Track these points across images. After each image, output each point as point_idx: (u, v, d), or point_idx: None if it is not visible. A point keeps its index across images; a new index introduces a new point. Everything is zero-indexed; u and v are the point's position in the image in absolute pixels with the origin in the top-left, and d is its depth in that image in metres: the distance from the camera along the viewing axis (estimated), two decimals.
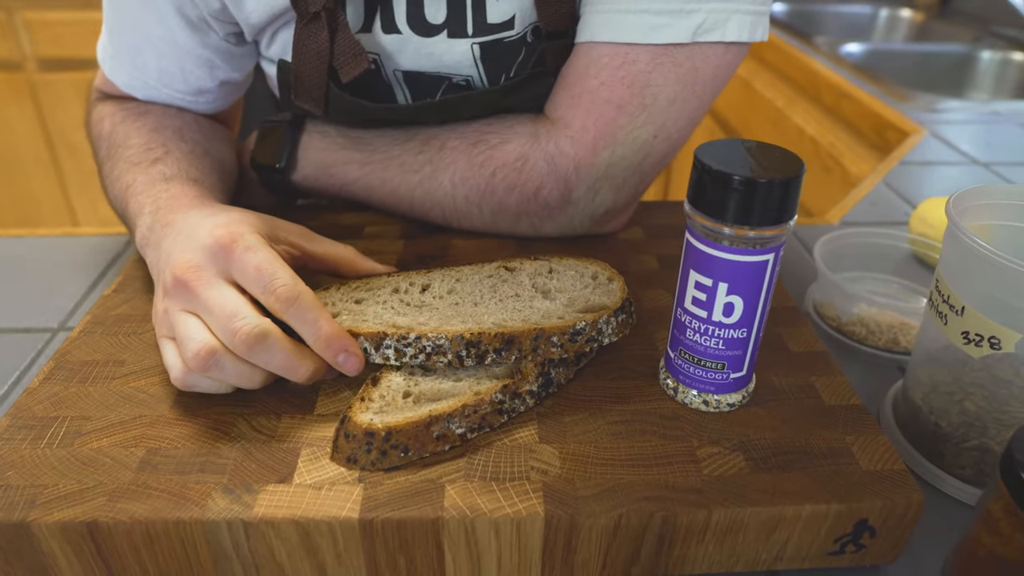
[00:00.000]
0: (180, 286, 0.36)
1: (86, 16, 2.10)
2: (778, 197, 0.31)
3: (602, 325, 0.37)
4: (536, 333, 0.36)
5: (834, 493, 0.32)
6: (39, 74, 2.17)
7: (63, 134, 2.24)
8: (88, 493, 0.31)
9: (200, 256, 0.36)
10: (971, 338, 0.37)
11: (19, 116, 2.21)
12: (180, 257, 0.37)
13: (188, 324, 0.35)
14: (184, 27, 0.51)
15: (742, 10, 0.44)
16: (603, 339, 0.37)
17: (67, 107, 2.21)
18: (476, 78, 0.51)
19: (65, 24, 2.12)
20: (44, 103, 2.20)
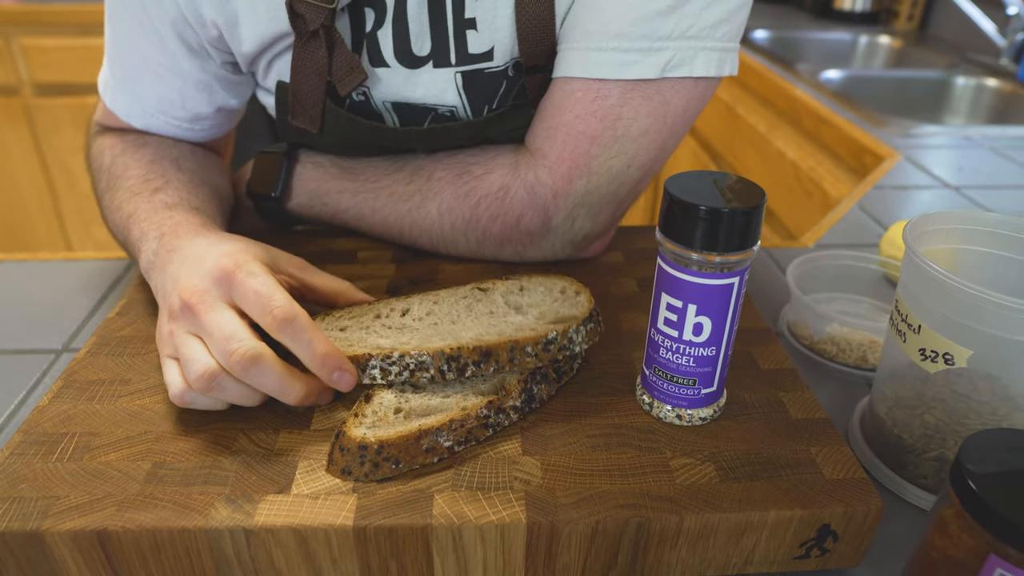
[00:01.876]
0: (186, 310, 0.38)
1: (82, 42, 2.14)
2: (741, 225, 0.34)
3: (572, 334, 0.39)
4: (511, 345, 0.38)
5: (798, 500, 0.34)
6: (35, 99, 2.20)
7: (58, 158, 2.26)
8: (98, 504, 0.33)
9: (205, 282, 0.39)
10: (927, 355, 0.39)
11: (15, 140, 2.23)
12: (187, 282, 0.39)
13: (192, 346, 0.37)
14: (185, 53, 0.53)
15: (709, 47, 0.47)
16: (575, 347, 0.39)
17: (62, 132, 2.24)
18: (460, 109, 0.54)
19: (61, 50, 2.15)
20: (40, 128, 2.23)
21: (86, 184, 2.02)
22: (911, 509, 0.41)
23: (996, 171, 0.95)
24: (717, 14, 0.48)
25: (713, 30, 0.48)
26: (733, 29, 0.49)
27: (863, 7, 1.99)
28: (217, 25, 0.50)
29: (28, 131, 2.21)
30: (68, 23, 2.12)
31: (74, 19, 2.11)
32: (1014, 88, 1.38)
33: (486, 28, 0.50)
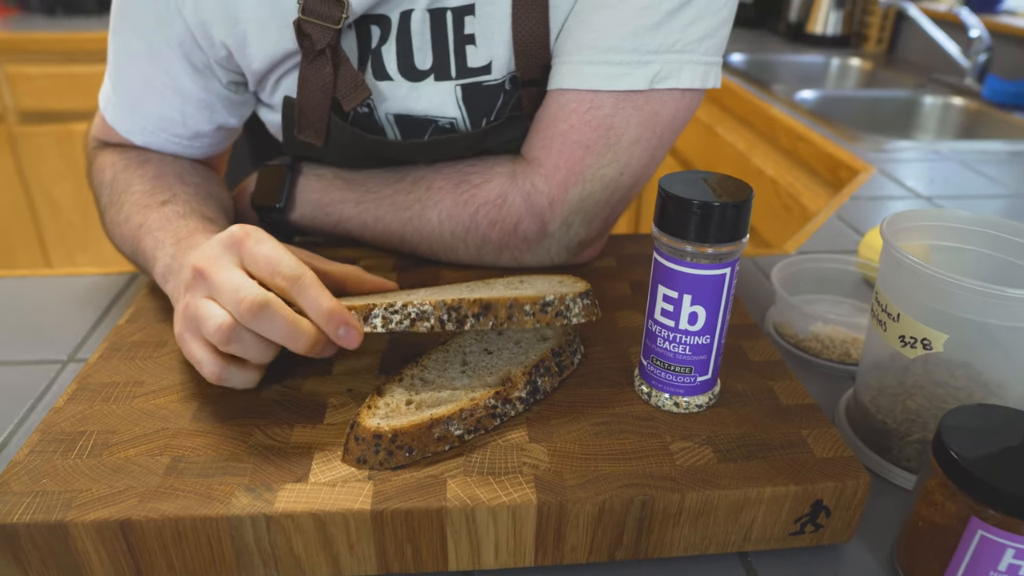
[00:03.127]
0: (198, 275, 0.39)
1: (66, 70, 2.15)
2: (732, 218, 0.36)
3: (569, 302, 0.40)
4: (510, 302, 0.39)
5: (792, 477, 0.36)
6: (19, 127, 2.20)
7: (42, 186, 2.26)
8: (120, 496, 0.35)
9: (216, 248, 0.39)
10: (907, 341, 0.42)
11: None
12: (199, 253, 0.40)
13: (207, 306, 0.38)
14: (190, 73, 0.55)
15: (695, 60, 0.50)
16: (571, 316, 0.41)
17: (46, 159, 2.23)
18: (460, 121, 0.57)
19: (46, 78, 2.16)
20: (23, 155, 2.22)
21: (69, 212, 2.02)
22: (896, 490, 0.43)
23: (965, 182, 0.99)
24: (701, 30, 0.51)
25: (698, 44, 0.51)
26: (716, 44, 0.52)
27: (834, 31, 2.06)
28: (226, 45, 0.52)
29: (11, 158, 2.21)
30: (53, 51, 2.13)
31: (59, 47, 2.13)
32: (979, 106, 1.43)
33: (484, 43, 0.52)
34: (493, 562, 0.36)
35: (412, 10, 0.51)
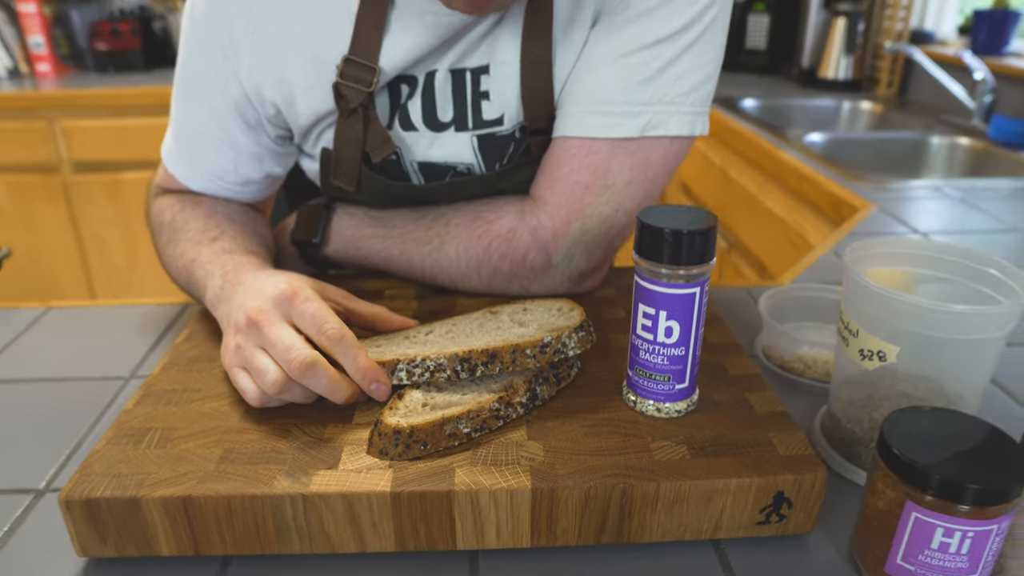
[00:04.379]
0: (252, 325, 0.46)
1: (116, 123, 2.29)
2: (699, 244, 0.42)
3: (565, 339, 0.47)
4: (513, 348, 0.46)
5: (756, 470, 0.42)
6: (72, 175, 2.34)
7: (91, 230, 2.39)
8: (182, 478, 0.41)
9: (268, 303, 0.47)
10: (865, 354, 0.47)
11: (52, 214, 2.37)
12: (251, 303, 0.47)
13: (262, 359, 0.45)
14: (243, 129, 0.64)
15: (682, 111, 0.57)
16: (568, 351, 0.47)
17: (96, 205, 2.37)
18: (476, 166, 0.64)
19: (98, 131, 2.31)
20: (75, 202, 2.37)
21: (116, 255, 2.16)
22: (861, 491, 0.48)
23: (963, 218, 1.03)
24: (688, 84, 0.57)
25: (685, 97, 0.58)
26: (702, 96, 0.59)
27: (846, 75, 2.13)
28: (276, 105, 0.61)
29: (65, 205, 2.35)
30: (105, 106, 2.28)
31: (110, 102, 2.28)
32: (985, 145, 1.48)
33: (497, 99, 0.60)
34: (495, 542, 0.42)
35: (436, 71, 0.59)
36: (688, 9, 0.54)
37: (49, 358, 0.65)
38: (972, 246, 0.49)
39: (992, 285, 0.48)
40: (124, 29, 2.56)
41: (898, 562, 0.39)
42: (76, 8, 2.66)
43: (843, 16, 2.09)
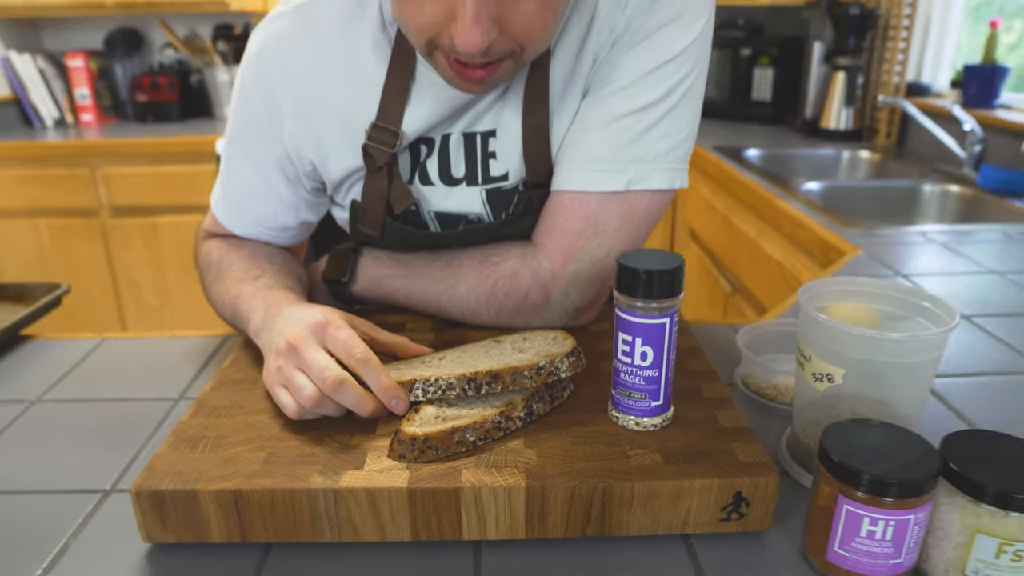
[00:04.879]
0: (292, 349, 0.55)
1: (154, 170, 2.43)
2: (668, 281, 0.50)
3: (558, 363, 0.55)
4: (513, 370, 0.54)
5: (718, 474, 0.49)
6: (111, 219, 2.48)
7: (126, 271, 2.51)
8: (232, 476, 0.49)
9: (305, 331, 0.56)
10: (817, 376, 0.54)
11: (90, 255, 2.50)
12: (291, 330, 0.56)
13: (300, 378, 0.54)
14: (283, 182, 0.73)
15: (663, 168, 0.66)
16: (560, 373, 0.55)
17: (132, 248, 2.50)
18: (485, 215, 0.73)
19: (136, 177, 2.45)
20: (112, 244, 2.50)
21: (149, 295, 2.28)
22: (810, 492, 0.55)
23: (942, 261, 1.10)
24: (668, 144, 0.66)
25: (665, 155, 0.66)
26: (681, 154, 0.68)
27: (846, 126, 2.22)
28: (312, 162, 0.70)
29: (103, 247, 2.48)
30: (144, 153, 2.42)
31: (148, 150, 2.42)
32: (974, 193, 1.56)
33: (503, 158, 0.69)
34: (495, 533, 0.49)
35: (450, 134, 0.69)
36: (665, 82, 0.63)
37: (107, 381, 0.74)
38: (907, 284, 0.57)
39: (926, 315, 0.55)
40: (163, 82, 2.73)
41: (835, 550, 0.46)
42: (120, 62, 2.84)
43: (843, 70, 2.19)
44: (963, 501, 0.44)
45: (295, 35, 0.67)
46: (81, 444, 0.63)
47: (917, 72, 2.21)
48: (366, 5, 0.66)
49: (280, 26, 0.67)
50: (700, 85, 0.66)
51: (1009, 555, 0.43)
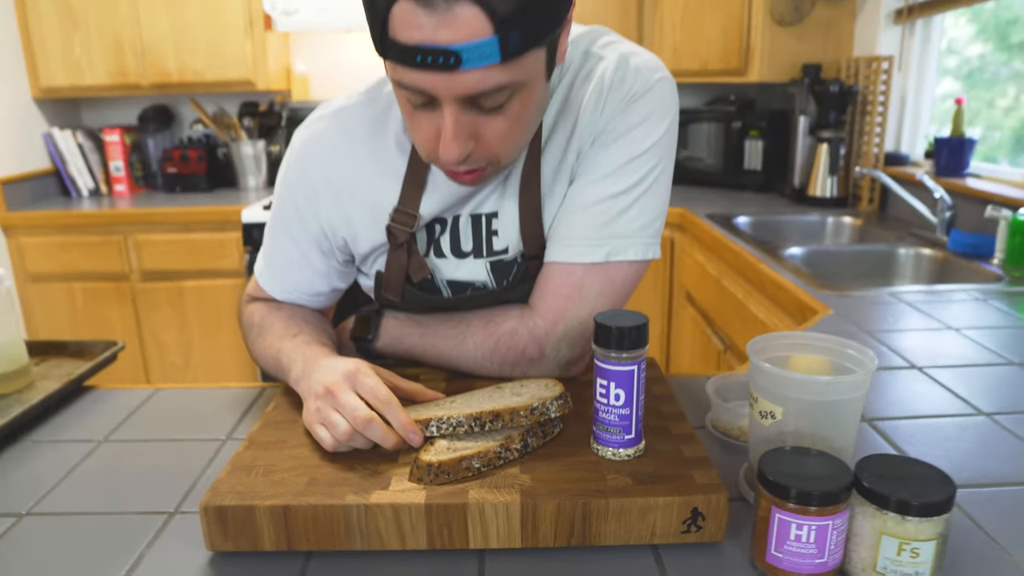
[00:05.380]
0: (328, 393, 0.67)
1: (182, 238, 2.59)
2: (635, 335, 0.62)
3: (548, 405, 0.67)
4: (511, 411, 0.66)
5: (678, 493, 0.60)
6: (140, 283, 2.63)
7: (152, 332, 2.65)
8: (281, 495, 0.60)
9: (339, 377, 0.68)
10: (763, 414, 0.65)
11: (119, 317, 2.64)
12: (327, 377, 0.68)
13: (335, 416, 0.66)
14: (319, 255, 0.86)
15: (637, 242, 0.79)
16: (550, 414, 0.66)
17: (159, 310, 2.64)
18: (489, 283, 0.85)
19: (165, 244, 2.61)
20: (140, 307, 2.64)
21: (173, 355, 2.46)
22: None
23: (905, 319, 1.22)
24: (641, 223, 0.79)
25: (638, 232, 0.79)
26: (653, 230, 0.81)
27: (832, 193, 2.37)
28: (344, 238, 0.84)
29: (131, 309, 2.63)
30: (173, 222, 2.59)
31: (178, 219, 2.59)
32: (945, 255, 1.68)
33: (504, 235, 0.82)
34: (496, 542, 0.60)
35: (460, 215, 0.82)
36: (636, 172, 0.77)
37: (163, 425, 0.86)
38: (837, 336, 0.69)
39: (859, 364, 0.67)
40: (192, 155, 2.93)
41: (772, 552, 0.56)
42: (152, 137, 3.05)
43: (826, 142, 2.35)
44: (872, 510, 0.55)
45: (332, 135, 0.81)
46: (145, 476, 0.75)
47: (896, 143, 2.36)
48: (391, 111, 0.80)
49: (320, 127, 0.82)
50: (667, 174, 0.80)
51: (908, 552, 0.53)
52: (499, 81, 0.63)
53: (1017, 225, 1.48)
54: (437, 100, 0.65)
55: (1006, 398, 0.91)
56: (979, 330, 1.16)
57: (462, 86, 0.62)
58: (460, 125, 0.65)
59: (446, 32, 0.59)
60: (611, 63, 0.77)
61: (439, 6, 0.58)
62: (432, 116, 0.67)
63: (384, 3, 0.60)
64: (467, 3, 0.58)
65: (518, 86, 0.65)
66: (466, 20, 0.58)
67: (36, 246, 2.59)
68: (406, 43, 0.60)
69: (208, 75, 2.75)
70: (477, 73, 0.61)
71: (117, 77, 2.75)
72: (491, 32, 0.59)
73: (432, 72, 0.61)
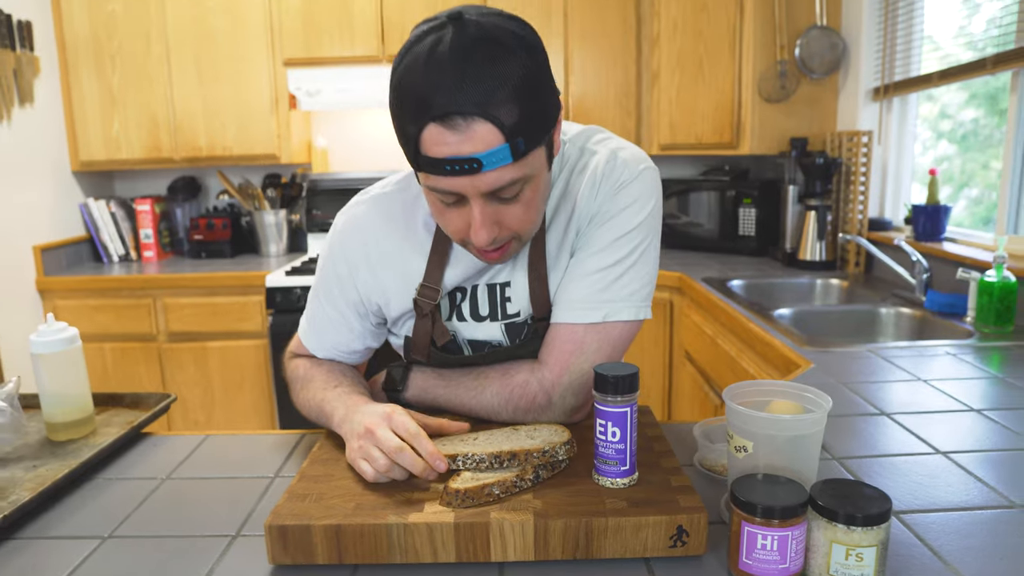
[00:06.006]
0: (368, 431, 0.79)
1: (206, 301, 2.74)
2: (628, 382, 0.75)
3: (557, 448, 0.79)
4: (526, 452, 0.78)
5: (665, 513, 0.71)
6: (166, 344, 2.76)
7: (177, 390, 2.77)
8: (333, 516, 0.72)
9: (377, 419, 0.80)
10: (738, 448, 0.77)
11: (146, 375, 2.76)
12: (368, 419, 0.81)
13: (375, 451, 0.78)
14: (356, 318, 1.00)
15: (631, 304, 0.92)
16: (559, 455, 0.79)
17: (183, 369, 2.77)
18: (503, 342, 0.99)
19: (191, 307, 2.75)
20: (166, 366, 2.77)
21: (196, 412, 2.60)
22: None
23: (879, 372, 1.34)
24: (632, 289, 0.93)
25: (631, 296, 0.93)
26: (643, 295, 0.94)
27: (821, 257, 2.51)
28: (378, 304, 0.98)
29: (158, 368, 2.76)
30: (199, 287, 2.74)
31: (204, 284, 2.74)
32: (922, 314, 1.80)
33: (516, 301, 0.96)
34: (513, 555, 0.71)
35: (478, 285, 0.96)
36: (627, 247, 0.91)
37: (217, 465, 0.98)
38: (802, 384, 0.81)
39: (812, 403, 0.79)
40: (217, 223, 3.10)
41: (744, 560, 0.67)
42: (180, 206, 3.23)
43: (813, 210, 2.51)
44: (824, 523, 0.66)
45: (371, 217, 0.97)
46: (207, 506, 0.86)
47: (880, 209, 2.52)
48: (419, 198, 0.96)
49: (361, 210, 0.97)
50: (654, 247, 0.94)
51: (854, 556, 0.65)
52: (512, 176, 0.78)
53: (984, 286, 1.61)
54: (465, 197, 0.80)
55: (960, 439, 1.02)
56: (946, 381, 1.28)
57: (484, 184, 0.77)
58: (486, 214, 0.80)
59: (468, 145, 0.74)
60: (603, 157, 0.92)
61: (460, 126, 0.73)
62: (461, 211, 0.82)
63: (415, 129, 0.75)
64: (482, 121, 0.73)
65: (527, 178, 0.80)
66: (483, 135, 0.74)
67: (70, 308, 2.74)
68: (436, 157, 0.76)
69: (236, 150, 2.95)
70: (495, 173, 0.77)
71: (151, 152, 2.95)
72: (503, 141, 0.75)
73: (459, 177, 0.76)
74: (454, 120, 0.73)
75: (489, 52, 0.73)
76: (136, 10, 2.86)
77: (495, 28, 0.75)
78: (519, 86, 0.74)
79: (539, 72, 0.77)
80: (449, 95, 0.72)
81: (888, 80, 2.39)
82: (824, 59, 2.59)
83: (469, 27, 0.74)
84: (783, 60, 2.60)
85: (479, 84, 0.72)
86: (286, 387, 1.07)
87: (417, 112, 0.74)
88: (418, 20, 2.82)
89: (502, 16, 0.77)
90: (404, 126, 0.77)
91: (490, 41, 0.73)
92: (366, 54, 2.87)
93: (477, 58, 0.73)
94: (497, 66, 0.73)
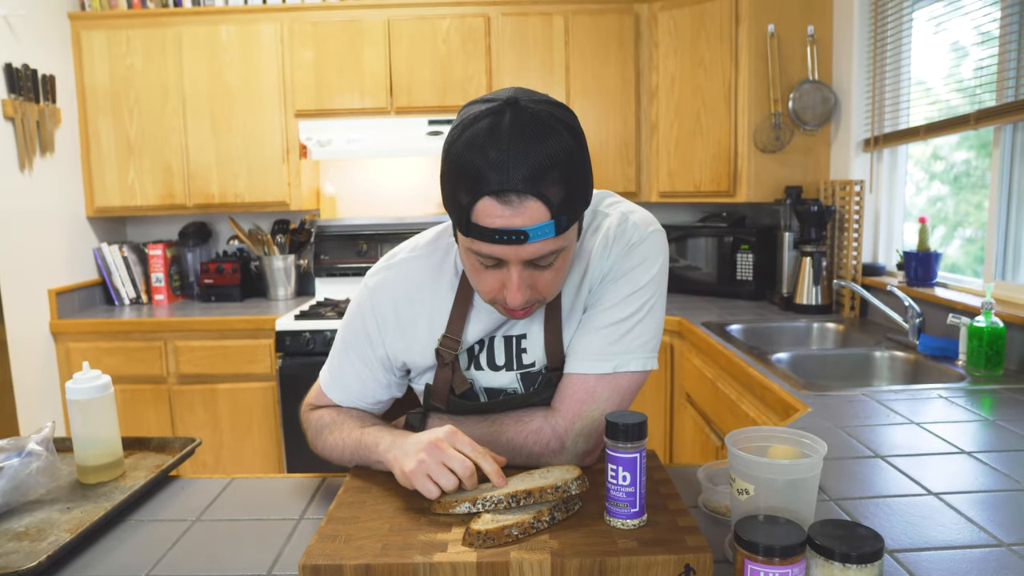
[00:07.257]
0: (433, 446, 0.86)
1: (217, 344, 2.79)
2: (636, 429, 0.81)
3: (570, 484, 0.84)
4: (540, 489, 0.83)
5: (673, 552, 0.77)
6: (176, 386, 2.81)
7: (186, 431, 2.80)
8: (363, 556, 0.77)
9: (443, 435, 0.87)
10: (740, 491, 0.83)
11: (155, 417, 2.80)
12: (432, 435, 0.87)
13: (445, 470, 0.85)
14: (381, 370, 1.06)
15: (640, 356, 0.98)
16: (571, 491, 0.84)
17: (193, 411, 2.81)
18: (519, 390, 1.05)
19: (200, 349, 2.80)
20: (176, 407, 2.81)
21: (205, 455, 2.64)
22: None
23: (871, 415, 1.39)
24: (640, 341, 0.99)
25: (639, 348, 0.99)
26: (651, 347, 1.00)
27: (816, 301, 2.58)
28: (401, 358, 1.04)
29: (167, 409, 2.80)
30: (210, 330, 2.80)
31: (214, 327, 2.80)
32: (915, 357, 1.86)
33: (531, 352, 1.03)
34: None
35: (495, 336, 1.03)
36: (636, 303, 0.98)
37: (244, 506, 1.03)
38: (800, 430, 0.87)
39: (808, 448, 0.85)
40: (227, 268, 3.18)
41: None
42: (191, 251, 3.31)
43: (809, 256, 2.59)
44: (821, 561, 0.71)
45: (399, 279, 1.04)
46: (238, 545, 0.91)
47: (873, 255, 2.60)
48: (447, 260, 1.03)
49: (391, 274, 1.04)
50: (661, 303, 1.01)
51: None
52: (552, 248, 0.87)
53: (974, 331, 1.68)
54: (504, 262, 0.88)
55: (952, 480, 1.07)
56: (938, 424, 1.34)
57: (526, 253, 0.86)
58: (523, 279, 0.89)
59: (518, 219, 0.83)
60: (615, 219, 1.00)
61: (514, 201, 0.82)
62: (498, 273, 0.90)
63: (469, 200, 0.83)
64: (533, 199, 0.82)
65: (563, 249, 0.89)
66: (532, 211, 0.82)
67: (82, 351, 2.79)
68: (488, 227, 0.84)
69: (247, 197, 3.04)
70: (538, 244, 0.85)
71: (165, 199, 3.04)
72: (549, 217, 0.83)
73: (505, 245, 0.85)
74: (508, 196, 0.82)
75: (542, 136, 0.82)
76: (154, 64, 2.97)
77: (547, 115, 0.84)
78: (566, 168, 0.83)
79: (582, 155, 0.86)
80: (506, 173, 0.81)
81: (878, 132, 2.49)
82: (816, 111, 2.70)
83: (525, 113, 0.83)
84: (777, 112, 2.70)
85: (533, 165, 0.81)
86: (295, 430, 1.13)
87: (475, 185, 0.82)
88: (424, 75, 2.96)
89: (550, 103, 0.87)
90: (457, 194, 0.85)
91: (543, 126, 0.82)
92: (375, 106, 2.98)
93: (532, 141, 0.81)
94: (548, 149, 0.82)
